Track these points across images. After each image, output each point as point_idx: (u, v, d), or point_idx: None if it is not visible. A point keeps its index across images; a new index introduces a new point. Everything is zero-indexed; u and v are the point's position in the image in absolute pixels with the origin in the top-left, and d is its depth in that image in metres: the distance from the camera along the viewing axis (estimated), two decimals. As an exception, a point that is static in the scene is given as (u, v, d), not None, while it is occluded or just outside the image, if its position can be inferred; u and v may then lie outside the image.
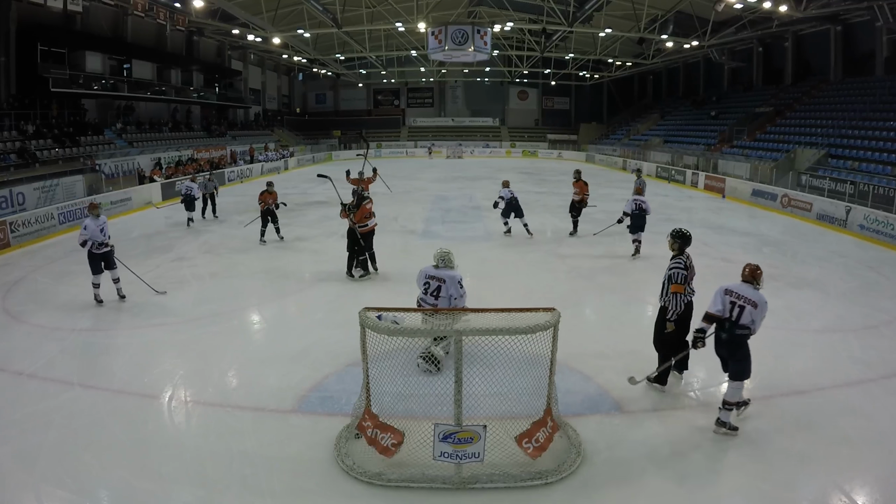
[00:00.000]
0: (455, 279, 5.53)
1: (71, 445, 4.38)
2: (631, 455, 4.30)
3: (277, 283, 9.04)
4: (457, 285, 5.50)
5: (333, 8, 22.67)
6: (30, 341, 6.51)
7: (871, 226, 12.82)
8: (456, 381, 3.84)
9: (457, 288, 5.49)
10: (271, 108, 40.87)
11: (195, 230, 13.36)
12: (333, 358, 5.91)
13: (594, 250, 11.25)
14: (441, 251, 5.69)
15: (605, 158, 35.20)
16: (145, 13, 20.82)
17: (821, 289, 8.64)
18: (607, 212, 16.00)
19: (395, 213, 15.38)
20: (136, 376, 5.59)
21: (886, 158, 16.60)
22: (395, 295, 7.82)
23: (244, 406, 5.05)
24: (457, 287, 5.50)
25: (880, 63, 21.65)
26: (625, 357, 6.09)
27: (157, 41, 25.83)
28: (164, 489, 3.91)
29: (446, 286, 5.52)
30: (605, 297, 8.49)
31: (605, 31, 24.72)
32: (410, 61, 37.55)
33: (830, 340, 6.66)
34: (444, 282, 5.54)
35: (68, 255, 10.86)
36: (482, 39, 22.29)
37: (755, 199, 18.18)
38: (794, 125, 22.67)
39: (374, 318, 4.06)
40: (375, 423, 4.20)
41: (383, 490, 3.89)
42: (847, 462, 4.24)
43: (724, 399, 4.56)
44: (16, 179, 14.59)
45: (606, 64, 36.18)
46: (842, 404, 5.08)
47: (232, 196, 19.61)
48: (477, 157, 41.25)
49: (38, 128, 18.15)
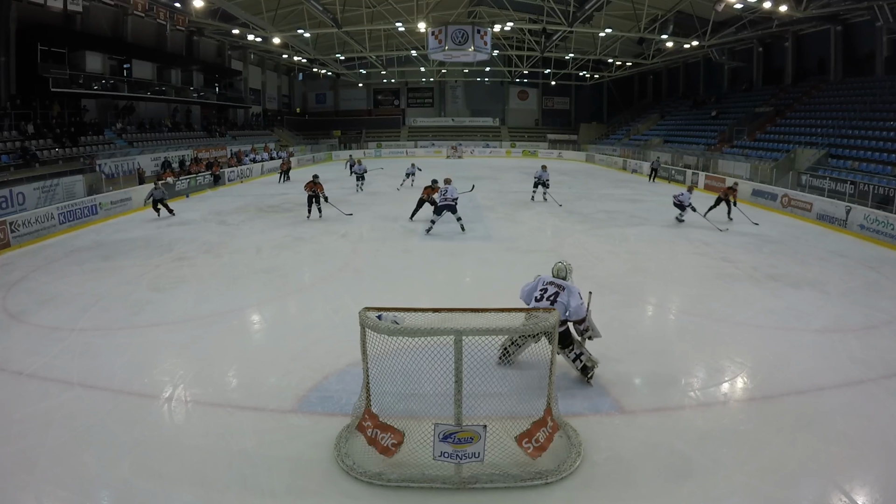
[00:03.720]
0: (574, 290, 5.34)
1: (71, 445, 4.38)
2: (631, 455, 4.30)
3: (277, 283, 9.04)
4: (577, 295, 5.29)
5: (333, 8, 22.68)
6: (30, 341, 6.51)
7: (871, 226, 12.82)
8: (456, 381, 3.84)
9: (576, 297, 5.28)
10: (271, 108, 40.86)
11: (195, 230, 13.35)
12: (333, 358, 5.91)
13: (594, 251, 11.25)
14: (560, 262, 5.63)
15: (605, 158, 35.19)
16: (145, 13, 20.83)
17: (821, 289, 8.64)
18: (608, 211, 16.05)
19: (395, 213, 15.38)
20: (136, 376, 5.59)
21: (886, 158, 16.60)
22: (395, 295, 7.82)
23: (244, 406, 5.05)
24: (576, 296, 5.28)
25: (880, 63, 21.65)
26: (625, 357, 6.10)
27: (157, 41, 25.82)
28: (164, 489, 3.91)
29: (564, 293, 5.32)
30: (605, 297, 8.47)
31: (605, 31, 24.71)
32: (410, 61, 37.55)
33: (830, 340, 6.65)
34: (563, 289, 5.36)
35: (68, 255, 10.87)
36: (482, 39, 22.28)
37: (755, 199, 18.18)
38: (794, 125, 22.67)
39: (374, 318, 4.06)
40: (375, 423, 4.20)
41: (383, 490, 3.89)
42: (847, 462, 4.24)
43: None
44: (16, 179, 14.60)
45: (606, 64, 36.17)
46: (842, 404, 5.08)
47: (231, 196, 19.62)
48: (477, 156, 41.26)
49: (38, 128, 18.16)
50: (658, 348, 6.35)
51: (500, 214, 15.61)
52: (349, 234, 12.66)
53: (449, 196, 12.55)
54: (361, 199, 18.56)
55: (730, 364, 6.02)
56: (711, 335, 6.83)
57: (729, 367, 5.96)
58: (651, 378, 5.67)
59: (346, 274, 9.50)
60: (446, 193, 12.58)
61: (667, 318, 7.72)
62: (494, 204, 17.49)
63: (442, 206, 12.51)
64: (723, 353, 6.27)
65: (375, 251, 11.14)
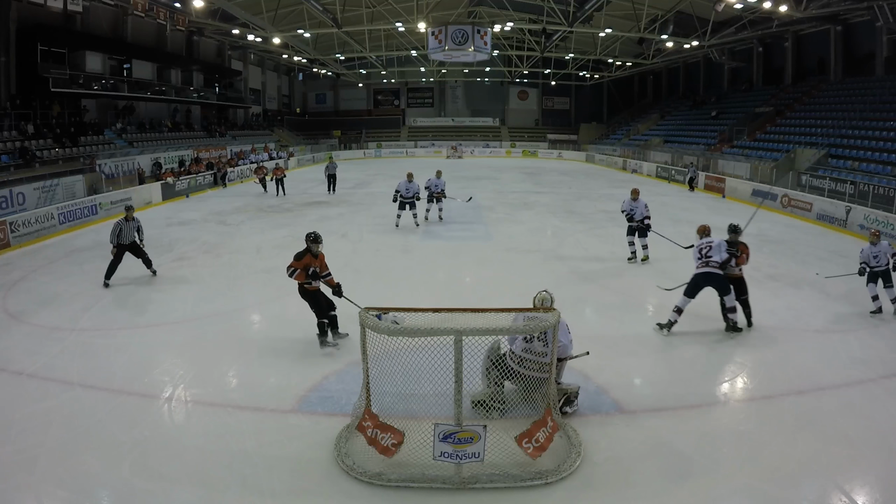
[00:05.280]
0: (563, 326, 4.80)
1: (71, 445, 4.38)
2: (631, 455, 4.30)
3: (277, 283, 9.00)
4: (565, 331, 4.87)
5: (333, 8, 22.67)
6: (30, 341, 6.51)
7: (871, 226, 12.79)
8: (456, 381, 3.84)
9: (565, 334, 4.86)
10: (271, 108, 40.85)
11: (195, 230, 13.35)
12: (333, 358, 5.91)
13: (594, 251, 11.25)
14: (544, 292, 4.95)
15: (605, 158, 35.18)
16: (145, 13, 20.81)
17: (821, 289, 8.63)
18: (608, 212, 16.04)
19: (395, 213, 15.36)
20: (136, 376, 5.59)
21: (886, 158, 16.59)
22: (395, 295, 7.82)
23: (244, 406, 5.05)
24: (565, 333, 4.86)
25: (880, 63, 21.64)
26: (625, 357, 6.10)
27: (157, 41, 25.81)
28: (164, 489, 3.91)
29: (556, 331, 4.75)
30: (605, 297, 8.49)
31: (605, 31, 24.71)
32: (410, 61, 37.54)
33: (830, 340, 6.65)
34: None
35: (68, 255, 10.87)
36: (482, 39, 22.29)
37: (755, 199, 18.15)
38: (794, 125, 22.66)
39: (374, 318, 4.06)
40: (375, 423, 4.20)
41: (383, 490, 3.89)
42: (847, 462, 4.24)
43: None
44: (16, 179, 14.59)
45: (606, 64, 36.17)
46: (842, 404, 5.08)
47: (231, 196, 19.62)
48: (477, 157, 41.26)
49: (38, 128, 18.15)
50: (658, 348, 6.35)
51: (500, 214, 15.61)
52: (349, 234, 12.67)
53: (432, 188, 13.72)
54: (361, 199, 18.56)
55: (730, 364, 6.02)
56: (712, 335, 6.83)
57: (729, 367, 5.96)
58: (651, 378, 5.68)
59: (346, 274, 9.42)
60: (429, 185, 13.72)
61: (667, 318, 7.71)
62: (494, 204, 17.49)
63: (430, 197, 13.79)
64: (723, 353, 6.27)
65: (375, 251, 11.14)
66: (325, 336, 6.24)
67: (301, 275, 6.01)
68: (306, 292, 6.15)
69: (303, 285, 6.12)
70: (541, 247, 11.57)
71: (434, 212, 14.11)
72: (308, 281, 6.07)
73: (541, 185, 23.55)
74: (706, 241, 6.88)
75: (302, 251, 6.10)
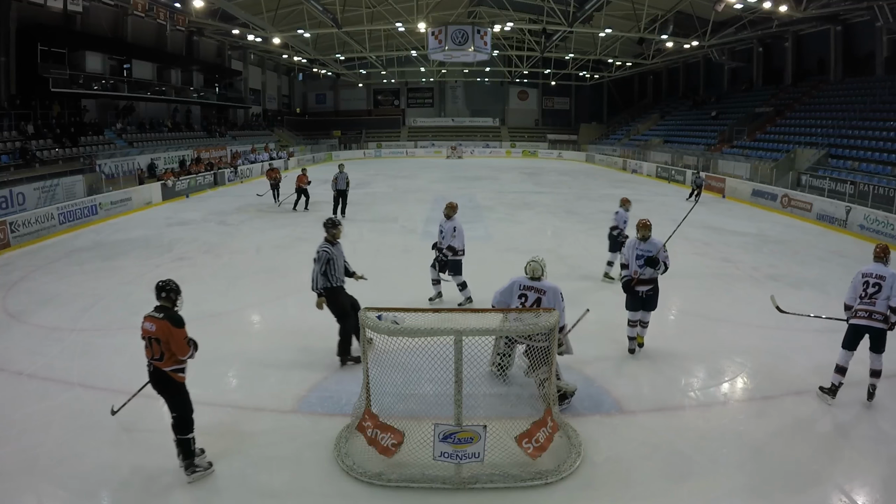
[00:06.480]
0: (556, 291, 4.84)
1: (71, 445, 4.38)
2: (631, 455, 4.30)
3: (277, 283, 9.04)
4: (558, 297, 4.81)
5: (333, 8, 22.66)
6: (30, 341, 6.51)
7: (871, 226, 12.82)
8: (456, 381, 3.84)
9: (559, 301, 4.79)
10: (271, 108, 40.84)
11: (195, 230, 13.35)
12: (333, 358, 5.91)
13: (594, 251, 11.24)
14: (534, 261, 4.96)
15: (605, 158, 35.19)
16: (145, 13, 20.79)
17: (821, 289, 8.64)
18: (608, 212, 16.02)
19: (395, 214, 15.38)
20: (136, 376, 5.55)
21: (886, 158, 16.59)
22: (395, 294, 7.81)
23: (244, 406, 5.05)
24: (559, 300, 4.80)
25: (880, 63, 21.64)
26: (625, 357, 6.10)
27: (157, 41, 25.81)
28: (164, 489, 3.92)
29: (547, 298, 4.81)
30: (605, 297, 8.48)
31: (605, 31, 24.70)
32: (410, 61, 37.53)
33: (830, 340, 6.64)
34: (545, 293, 4.83)
35: (68, 255, 10.87)
36: (482, 39, 22.29)
37: (755, 199, 18.18)
38: (794, 125, 22.66)
39: (374, 318, 4.06)
40: (375, 423, 4.20)
41: (383, 490, 3.89)
42: (847, 462, 4.24)
43: None
44: (16, 179, 14.58)
45: (606, 64, 36.16)
46: (842, 404, 5.08)
47: (231, 196, 19.62)
48: (477, 157, 41.25)
49: (38, 128, 18.14)
50: (658, 348, 6.35)
51: (500, 214, 15.61)
52: (349, 234, 12.64)
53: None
54: (361, 199, 18.55)
55: (730, 364, 6.02)
56: (711, 335, 6.83)
57: (729, 367, 5.96)
58: (651, 378, 5.68)
59: (346, 274, 9.49)
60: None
61: (667, 318, 7.69)
62: (494, 204, 17.49)
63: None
64: (723, 353, 6.27)
65: (375, 251, 11.14)
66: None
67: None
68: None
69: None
70: (541, 247, 11.55)
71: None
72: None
73: (541, 185, 23.55)
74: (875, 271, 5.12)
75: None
